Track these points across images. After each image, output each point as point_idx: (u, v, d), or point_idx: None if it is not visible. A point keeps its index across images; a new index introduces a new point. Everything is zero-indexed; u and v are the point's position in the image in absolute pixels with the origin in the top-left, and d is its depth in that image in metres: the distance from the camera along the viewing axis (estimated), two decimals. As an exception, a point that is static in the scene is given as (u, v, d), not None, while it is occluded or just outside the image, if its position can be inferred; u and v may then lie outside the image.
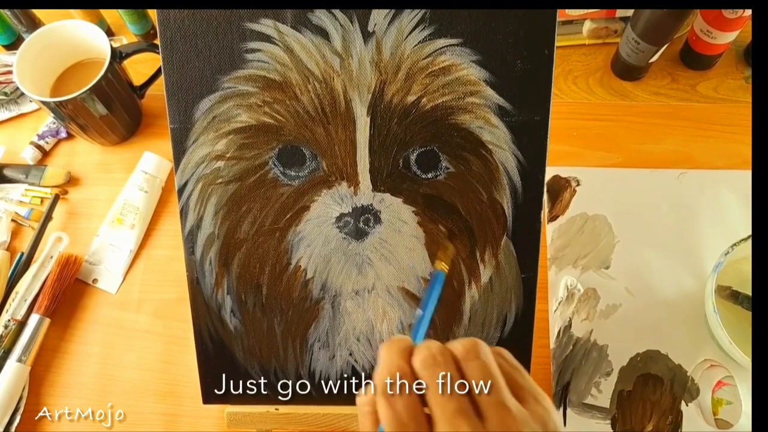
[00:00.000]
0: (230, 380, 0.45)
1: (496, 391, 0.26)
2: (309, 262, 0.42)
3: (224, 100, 0.41)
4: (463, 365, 0.27)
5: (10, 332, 0.53)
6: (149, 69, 0.65)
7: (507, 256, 0.43)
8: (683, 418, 0.50)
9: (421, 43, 0.40)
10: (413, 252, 0.42)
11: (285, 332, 0.44)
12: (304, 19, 0.40)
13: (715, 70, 0.67)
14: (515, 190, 0.42)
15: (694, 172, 0.60)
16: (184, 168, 0.42)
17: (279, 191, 0.42)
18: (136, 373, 0.54)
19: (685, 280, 0.55)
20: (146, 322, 0.56)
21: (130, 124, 0.64)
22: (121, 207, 0.60)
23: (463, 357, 0.28)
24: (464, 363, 0.27)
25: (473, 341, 0.28)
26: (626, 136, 0.63)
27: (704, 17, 0.61)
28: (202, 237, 0.43)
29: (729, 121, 0.63)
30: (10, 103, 0.67)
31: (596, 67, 0.68)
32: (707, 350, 0.52)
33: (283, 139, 0.41)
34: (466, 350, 0.28)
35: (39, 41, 0.58)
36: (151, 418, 0.52)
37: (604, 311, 0.54)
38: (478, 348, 0.28)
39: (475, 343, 0.28)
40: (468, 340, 0.28)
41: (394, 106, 0.40)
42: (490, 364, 0.28)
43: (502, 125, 0.41)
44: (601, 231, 0.58)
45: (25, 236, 0.61)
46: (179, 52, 0.40)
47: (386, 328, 0.44)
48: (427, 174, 0.42)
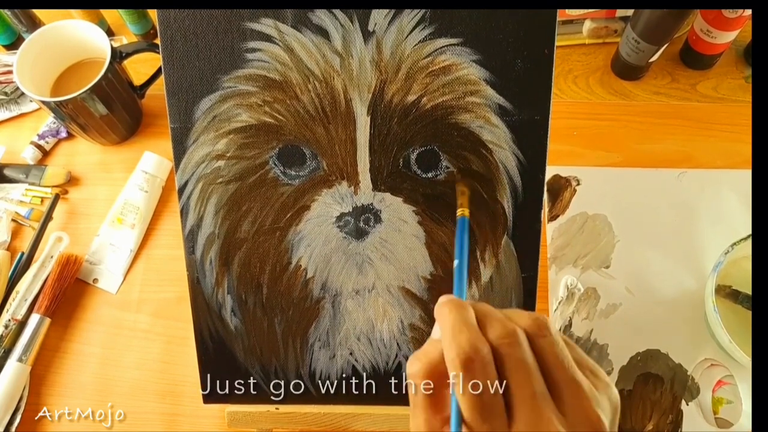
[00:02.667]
0: (231, 380, 0.45)
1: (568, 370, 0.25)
2: (309, 261, 0.42)
3: (224, 100, 0.41)
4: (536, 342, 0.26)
5: (10, 332, 0.53)
6: (149, 69, 0.65)
7: (507, 255, 0.43)
8: (683, 417, 0.50)
9: (421, 42, 0.40)
10: (414, 251, 0.42)
11: (285, 332, 0.44)
12: (304, 18, 0.40)
13: (715, 69, 0.67)
14: (515, 189, 0.42)
15: (694, 172, 0.60)
16: (184, 167, 0.42)
17: (279, 191, 0.42)
18: (136, 373, 0.54)
19: (685, 280, 0.55)
20: (146, 321, 0.56)
21: (130, 124, 0.64)
22: (121, 207, 0.60)
23: (535, 333, 0.26)
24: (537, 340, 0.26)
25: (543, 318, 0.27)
26: (626, 136, 0.63)
27: (704, 17, 0.61)
28: (202, 236, 0.43)
29: (729, 121, 0.63)
30: (10, 102, 0.67)
31: (596, 66, 0.68)
32: (707, 349, 0.52)
33: (284, 138, 0.41)
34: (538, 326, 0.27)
35: (39, 41, 0.58)
36: (151, 417, 0.53)
37: (605, 311, 0.55)
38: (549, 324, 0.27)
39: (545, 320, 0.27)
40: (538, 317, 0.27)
41: (395, 105, 0.40)
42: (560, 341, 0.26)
43: (503, 124, 0.41)
44: (601, 230, 0.58)
45: (25, 236, 0.61)
46: (179, 52, 0.40)
47: (386, 327, 0.44)
48: (428, 173, 0.42)
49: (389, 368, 0.44)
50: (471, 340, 0.25)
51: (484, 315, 0.27)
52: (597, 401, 0.25)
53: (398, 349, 0.44)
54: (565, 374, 0.25)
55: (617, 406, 0.26)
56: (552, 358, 0.26)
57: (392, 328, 0.44)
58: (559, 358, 0.26)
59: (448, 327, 0.26)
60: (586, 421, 0.24)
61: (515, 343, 0.26)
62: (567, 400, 0.25)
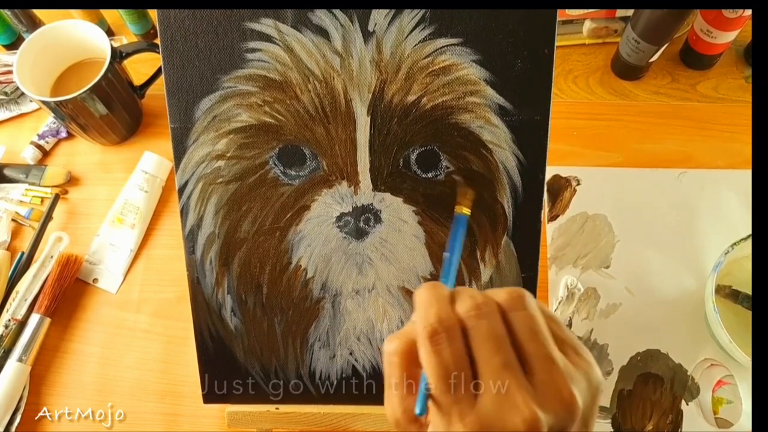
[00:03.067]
0: (231, 380, 0.45)
1: (542, 344, 0.25)
2: (309, 261, 0.43)
3: (225, 100, 0.41)
4: (509, 315, 0.26)
5: (10, 332, 0.53)
6: (149, 69, 0.65)
7: (507, 255, 0.43)
8: (683, 417, 0.50)
9: (421, 42, 0.40)
10: (414, 251, 0.42)
11: (285, 332, 0.44)
12: (304, 18, 0.40)
13: (715, 69, 0.67)
14: (515, 189, 0.42)
15: (694, 172, 0.60)
16: (184, 167, 0.42)
17: (279, 191, 0.42)
18: (136, 373, 0.54)
19: (685, 280, 0.55)
20: (146, 321, 0.56)
21: (130, 124, 0.64)
22: (121, 207, 0.60)
23: (509, 307, 0.26)
24: (510, 313, 0.26)
25: (519, 291, 0.27)
26: (626, 136, 0.63)
27: (704, 17, 0.61)
28: (202, 236, 0.43)
29: (729, 121, 0.63)
30: (10, 102, 0.67)
31: (596, 66, 0.68)
32: (707, 349, 0.52)
33: (284, 138, 0.41)
34: (512, 299, 0.26)
35: (39, 41, 0.58)
36: (151, 417, 0.52)
37: (604, 310, 0.55)
38: (525, 298, 0.26)
39: (521, 293, 0.27)
40: (513, 290, 0.27)
41: (395, 105, 0.40)
42: (536, 315, 0.26)
43: (503, 124, 0.41)
44: (601, 230, 0.58)
45: (25, 236, 0.61)
46: (179, 52, 0.40)
47: (386, 327, 0.44)
48: (428, 173, 0.42)
49: (389, 368, 0.44)
50: (437, 312, 0.26)
51: (457, 293, 0.27)
52: (572, 378, 0.25)
53: (398, 349, 0.44)
54: (538, 348, 0.25)
55: (598, 387, 0.26)
56: (525, 331, 0.25)
57: (392, 328, 0.44)
58: (534, 332, 0.25)
59: (419, 305, 0.27)
60: (556, 395, 0.24)
61: (482, 315, 0.26)
62: (538, 374, 0.24)
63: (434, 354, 0.25)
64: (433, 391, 0.25)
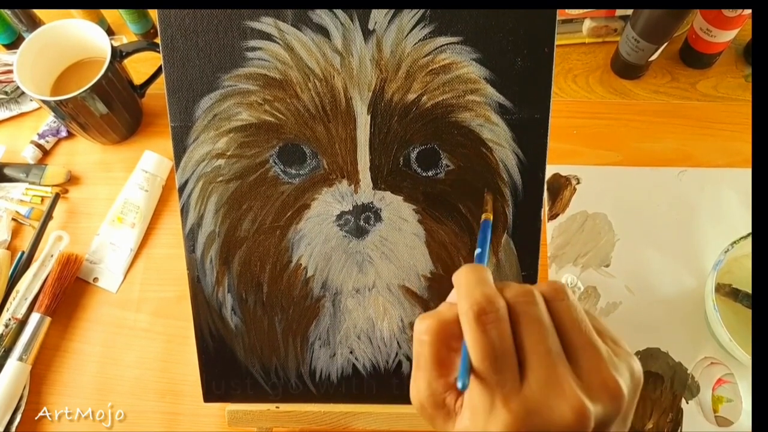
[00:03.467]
0: (231, 378, 0.45)
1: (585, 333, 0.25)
2: (309, 260, 0.43)
3: (225, 99, 0.41)
4: (553, 305, 0.26)
5: (10, 331, 0.53)
6: (149, 68, 0.65)
7: (507, 253, 0.43)
8: (683, 415, 0.50)
9: (421, 41, 0.40)
10: (414, 250, 0.42)
11: (286, 330, 0.44)
12: (304, 17, 0.40)
13: (714, 68, 0.67)
14: (515, 188, 0.42)
15: (694, 171, 0.61)
16: (184, 166, 0.42)
17: (279, 189, 0.42)
18: (136, 372, 0.54)
19: (685, 278, 0.55)
20: (147, 320, 0.56)
21: (130, 123, 0.64)
22: (121, 206, 0.60)
23: (553, 297, 0.26)
24: (554, 303, 0.26)
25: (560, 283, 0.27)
26: (626, 135, 0.63)
27: (704, 16, 0.61)
28: (202, 235, 0.43)
29: (729, 120, 0.63)
30: (10, 102, 0.67)
31: (596, 65, 0.68)
32: (707, 348, 0.53)
33: (284, 137, 0.41)
34: (555, 290, 0.26)
35: (39, 40, 0.58)
36: (152, 416, 0.53)
37: (605, 309, 0.55)
38: (566, 289, 0.27)
39: (563, 286, 0.27)
40: (555, 282, 0.27)
41: (395, 104, 0.40)
42: (578, 305, 0.26)
43: (503, 123, 0.41)
44: (601, 229, 0.58)
45: (25, 235, 0.61)
46: (180, 51, 0.40)
47: (387, 326, 0.44)
48: (428, 172, 0.42)
49: (389, 367, 0.44)
50: (486, 293, 0.25)
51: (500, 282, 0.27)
52: (615, 366, 0.25)
53: (398, 347, 0.44)
54: (582, 337, 0.25)
55: (640, 378, 0.26)
56: (569, 321, 0.25)
57: (392, 327, 0.44)
58: (577, 322, 0.25)
59: (463, 284, 0.26)
60: (602, 384, 0.24)
61: (531, 302, 0.25)
62: (583, 363, 0.24)
63: (482, 333, 0.24)
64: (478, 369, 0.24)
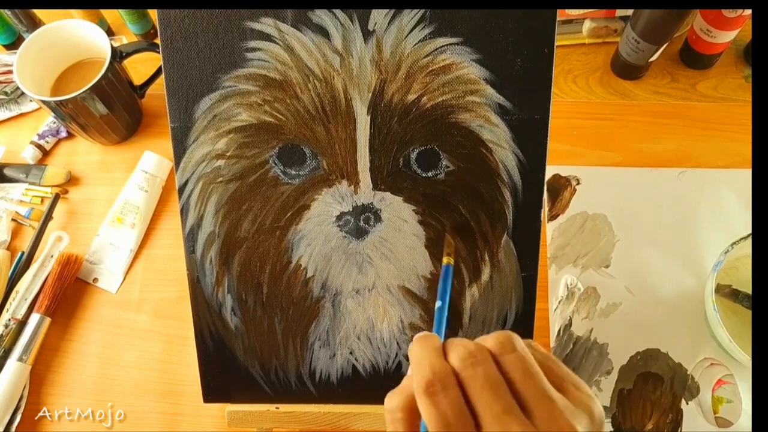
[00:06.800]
0: (231, 379, 0.45)
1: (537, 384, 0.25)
2: (309, 260, 0.43)
3: (224, 99, 0.41)
4: (501, 360, 0.26)
5: (10, 331, 0.53)
6: (149, 68, 0.65)
7: (507, 254, 0.43)
8: (683, 416, 0.50)
9: (421, 41, 0.40)
10: (414, 250, 0.42)
11: (285, 331, 0.44)
12: (304, 18, 0.40)
13: (714, 69, 0.67)
14: (515, 188, 0.42)
15: (694, 171, 0.60)
16: (184, 167, 0.42)
17: (279, 190, 0.42)
18: (136, 373, 0.54)
19: (685, 279, 0.55)
20: (146, 321, 0.56)
21: (130, 124, 0.64)
22: (121, 206, 0.60)
23: (500, 351, 0.26)
24: (501, 357, 0.26)
25: (506, 334, 0.27)
26: (626, 135, 0.63)
27: (704, 16, 0.61)
28: (202, 236, 0.43)
29: (729, 120, 0.63)
30: (10, 102, 0.67)
31: (596, 66, 0.68)
32: (707, 349, 0.52)
33: (284, 137, 0.41)
34: (501, 344, 0.26)
35: (39, 41, 0.58)
36: (152, 417, 0.53)
37: (605, 310, 0.55)
38: (513, 340, 0.27)
39: (508, 336, 0.27)
40: (501, 334, 0.27)
41: (395, 104, 0.40)
42: (527, 356, 0.26)
43: (503, 124, 0.41)
44: (601, 230, 0.58)
45: (25, 236, 0.61)
46: (180, 51, 0.40)
47: (387, 326, 0.44)
48: (428, 173, 0.42)
49: (389, 367, 0.44)
50: (431, 364, 0.26)
51: (449, 343, 0.27)
52: (573, 414, 0.25)
53: (398, 348, 0.44)
54: (535, 388, 0.25)
55: (601, 421, 0.26)
56: (519, 373, 0.26)
57: (392, 328, 0.44)
58: (528, 373, 0.26)
59: (413, 359, 0.27)
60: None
61: (477, 363, 0.26)
62: (537, 414, 0.25)
63: (432, 406, 0.25)
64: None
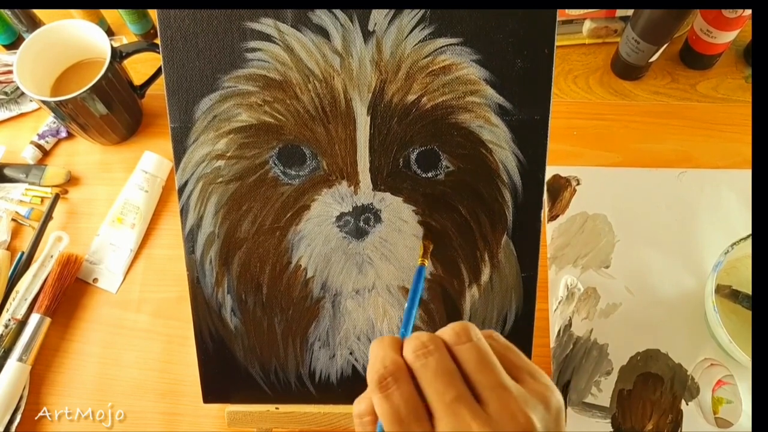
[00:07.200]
0: (230, 379, 0.45)
1: (492, 373, 0.25)
2: (309, 261, 0.43)
3: (224, 100, 0.41)
4: (455, 350, 0.26)
5: (10, 331, 0.53)
6: (149, 69, 0.65)
7: (507, 255, 0.43)
8: (683, 417, 0.50)
9: (421, 42, 0.40)
10: (414, 251, 0.42)
11: (285, 331, 0.44)
12: (304, 18, 0.40)
13: (715, 69, 0.67)
14: (515, 189, 0.42)
15: (694, 172, 0.60)
16: (184, 167, 0.42)
17: (279, 190, 0.42)
18: (136, 373, 0.54)
19: (685, 279, 0.55)
20: (146, 321, 0.56)
21: (130, 124, 0.64)
22: (121, 206, 0.60)
23: (454, 341, 0.26)
24: (456, 347, 0.26)
25: (462, 324, 0.27)
26: (626, 136, 0.63)
27: (704, 17, 0.61)
28: (202, 236, 0.43)
29: (729, 121, 0.63)
30: (10, 102, 0.67)
31: (596, 66, 0.68)
32: (707, 349, 0.52)
33: (284, 138, 0.41)
34: (456, 334, 0.27)
35: (39, 41, 0.58)
36: (152, 417, 0.53)
37: (605, 310, 0.55)
38: (469, 330, 0.27)
39: (464, 326, 0.27)
40: (457, 324, 0.27)
41: (395, 105, 0.40)
42: (483, 345, 0.26)
43: (502, 124, 0.41)
44: (601, 230, 0.58)
45: (25, 236, 0.61)
46: (180, 52, 0.40)
47: (387, 327, 0.44)
48: (428, 173, 0.42)
49: (389, 368, 0.44)
50: (382, 359, 0.26)
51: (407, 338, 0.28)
52: (527, 403, 0.25)
53: (398, 348, 0.44)
54: (489, 377, 0.25)
55: (559, 411, 0.26)
56: (473, 363, 0.26)
57: (392, 328, 0.44)
58: (483, 363, 0.26)
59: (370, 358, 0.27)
60: (511, 421, 0.24)
61: (428, 353, 0.26)
62: (491, 403, 0.25)
63: (384, 400, 0.25)
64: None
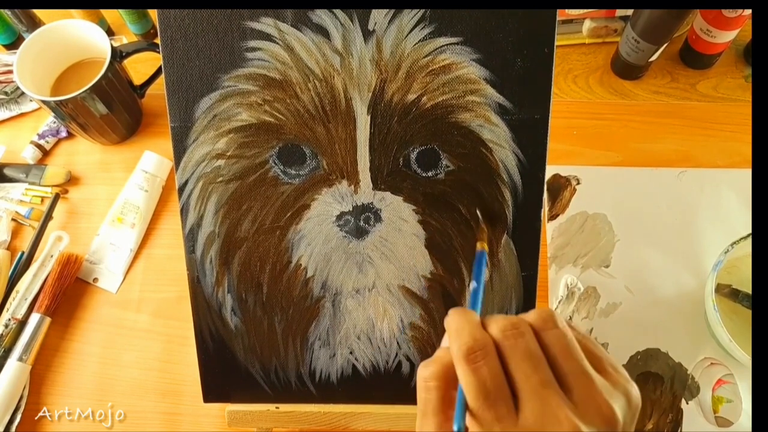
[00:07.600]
0: (231, 379, 0.45)
1: (577, 361, 0.25)
2: (309, 260, 0.43)
3: (225, 99, 0.41)
4: (542, 335, 0.26)
5: (10, 331, 0.53)
6: (149, 68, 0.65)
7: (507, 254, 0.43)
8: (683, 416, 0.50)
9: (421, 41, 0.40)
10: (414, 250, 0.42)
11: (285, 331, 0.44)
12: (304, 17, 0.40)
13: (714, 69, 0.67)
14: (515, 188, 0.42)
15: (694, 171, 0.61)
16: (184, 167, 0.42)
17: (279, 190, 0.42)
18: (136, 372, 0.54)
19: (685, 279, 0.55)
20: (146, 321, 0.56)
21: (130, 124, 0.64)
22: (121, 206, 0.60)
23: (541, 327, 0.26)
24: (543, 333, 0.26)
25: (548, 311, 0.27)
26: (626, 135, 0.63)
27: (704, 16, 0.61)
28: (202, 236, 0.43)
29: (729, 120, 0.63)
30: (10, 102, 0.67)
31: (596, 66, 0.68)
32: (707, 348, 0.52)
33: (284, 137, 0.41)
34: (543, 319, 0.27)
35: (39, 41, 0.58)
36: (152, 417, 0.53)
37: (605, 310, 0.55)
38: (555, 317, 0.27)
39: (551, 313, 0.27)
40: (543, 310, 0.27)
41: (395, 104, 0.40)
42: (568, 333, 0.26)
43: (503, 123, 0.41)
44: (601, 230, 0.58)
45: (25, 235, 0.61)
46: (180, 51, 0.40)
47: (387, 326, 0.44)
48: (428, 172, 0.42)
49: (389, 367, 0.44)
50: (472, 332, 0.26)
51: (488, 318, 0.28)
52: (611, 394, 0.25)
53: (398, 348, 0.44)
54: (574, 365, 0.25)
55: (637, 405, 0.26)
56: (559, 349, 0.26)
57: (392, 327, 0.44)
58: (568, 350, 0.26)
59: (452, 328, 0.27)
60: (597, 411, 0.24)
61: (517, 334, 0.26)
62: (577, 391, 0.25)
63: (472, 372, 0.25)
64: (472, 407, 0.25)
